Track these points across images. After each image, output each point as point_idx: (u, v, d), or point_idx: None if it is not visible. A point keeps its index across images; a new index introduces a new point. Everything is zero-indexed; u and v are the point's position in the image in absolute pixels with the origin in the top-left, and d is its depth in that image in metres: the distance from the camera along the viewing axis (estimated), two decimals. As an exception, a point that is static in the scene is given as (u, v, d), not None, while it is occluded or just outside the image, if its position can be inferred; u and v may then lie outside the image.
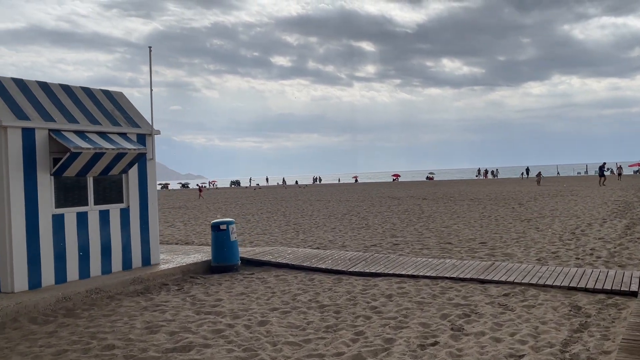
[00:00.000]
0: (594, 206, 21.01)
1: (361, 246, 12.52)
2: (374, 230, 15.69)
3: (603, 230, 13.80)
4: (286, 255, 10.81)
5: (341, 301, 7.44)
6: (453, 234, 14.30)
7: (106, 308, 7.47)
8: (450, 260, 9.83)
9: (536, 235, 13.39)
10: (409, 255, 11.01)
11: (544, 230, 14.29)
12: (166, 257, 10.68)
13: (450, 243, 12.55)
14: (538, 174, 56.68)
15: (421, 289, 8.03)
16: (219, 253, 9.98)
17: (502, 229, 15.03)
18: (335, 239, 14.09)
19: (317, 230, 16.18)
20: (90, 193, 8.86)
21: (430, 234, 14.46)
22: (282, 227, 17.69)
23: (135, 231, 9.53)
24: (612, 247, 11.05)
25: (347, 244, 13.01)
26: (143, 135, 9.73)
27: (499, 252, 11.08)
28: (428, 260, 9.96)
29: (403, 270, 9.27)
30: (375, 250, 11.82)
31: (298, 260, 10.34)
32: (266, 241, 14.00)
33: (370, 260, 10.12)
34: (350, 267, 9.64)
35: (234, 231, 10.14)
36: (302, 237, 14.60)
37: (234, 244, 10.05)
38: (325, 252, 11.05)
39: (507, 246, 11.81)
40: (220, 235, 9.96)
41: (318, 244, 13.10)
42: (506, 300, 7.20)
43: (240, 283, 8.92)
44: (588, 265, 9.41)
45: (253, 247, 12.18)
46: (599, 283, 7.80)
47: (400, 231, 15.27)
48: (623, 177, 54.75)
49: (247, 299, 7.72)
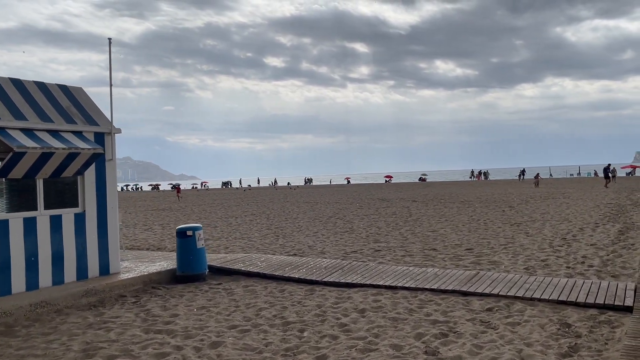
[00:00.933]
0: (586, 209, 20.46)
1: (341, 252, 11.84)
2: (357, 235, 15.02)
3: (595, 235, 13.20)
4: (258, 263, 10.12)
5: (309, 317, 6.76)
6: (439, 239, 13.65)
7: (48, 325, 6.75)
8: (433, 269, 9.18)
9: (525, 240, 12.76)
10: (389, 263, 10.34)
11: (534, 235, 13.68)
12: (130, 265, 9.96)
13: (434, 249, 11.90)
14: (536, 176, 55.73)
15: (398, 302, 7.37)
16: (184, 261, 9.27)
17: (490, 233, 14.41)
18: (316, 244, 13.40)
19: (298, 235, 15.49)
20: (39, 197, 8.13)
21: (415, 239, 13.81)
22: (263, 231, 16.98)
23: (92, 238, 8.81)
24: (604, 255, 10.44)
25: (327, 250, 12.33)
26: (101, 133, 9.00)
27: (485, 259, 10.43)
28: (409, 269, 9.30)
29: (381, 280, 8.60)
30: (355, 257, 11.15)
31: (270, 269, 9.65)
32: (242, 247, 13.30)
33: (347, 269, 9.45)
34: (325, 277, 8.96)
35: (201, 238, 9.44)
36: (281, 242, 13.90)
37: (200, 252, 9.34)
38: (301, 260, 10.36)
39: (494, 253, 11.17)
40: (186, 242, 9.26)
41: (296, 250, 12.41)
42: (489, 317, 6.55)
43: (204, 295, 8.22)
44: (579, 275, 8.78)
45: (226, 254, 11.48)
46: (591, 296, 7.16)
47: (385, 236, 14.61)
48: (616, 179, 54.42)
49: (206, 315, 7.02)
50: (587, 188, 39.35)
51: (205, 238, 15.25)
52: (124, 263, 10.13)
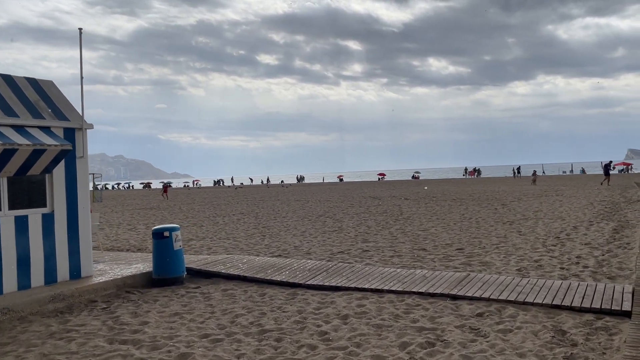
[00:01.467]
0: (579, 207, 20.14)
1: (327, 253, 11.42)
2: (346, 234, 14.60)
3: (590, 234, 12.84)
4: (240, 265, 9.68)
5: (288, 324, 6.33)
6: (429, 238, 13.26)
7: (8, 334, 6.29)
8: (421, 271, 8.77)
9: (518, 240, 12.39)
10: (377, 264, 9.93)
11: (527, 234, 13.31)
12: (105, 267, 9.49)
13: (424, 249, 11.50)
14: (534, 173, 55.50)
15: (384, 307, 6.95)
16: (160, 264, 8.81)
17: (482, 232, 14.03)
18: (302, 244, 12.97)
19: (286, 235, 15.05)
20: (3, 196, 7.65)
21: (405, 238, 13.40)
22: (249, 230, 16.52)
23: (62, 240, 8.33)
24: (599, 255, 10.07)
25: (313, 250, 11.90)
26: (71, 129, 8.52)
27: (476, 260, 10.04)
28: (397, 270, 8.89)
29: (367, 283, 8.19)
30: (342, 258, 10.73)
31: (252, 271, 9.21)
32: (226, 247, 12.85)
33: (332, 272, 9.02)
34: (309, 280, 8.53)
35: (179, 239, 8.98)
36: (267, 243, 13.46)
37: (178, 254, 8.89)
38: (285, 262, 9.93)
39: (485, 253, 10.78)
40: (163, 244, 8.80)
41: (282, 251, 11.97)
42: (479, 323, 6.14)
43: (180, 300, 7.77)
44: (574, 276, 8.40)
45: (208, 255, 11.03)
46: (587, 300, 6.78)
47: (374, 235, 14.20)
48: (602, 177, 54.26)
49: (179, 322, 6.58)
50: (580, 185, 39.16)
51: (189, 238, 14.79)
52: (99, 265, 9.67)
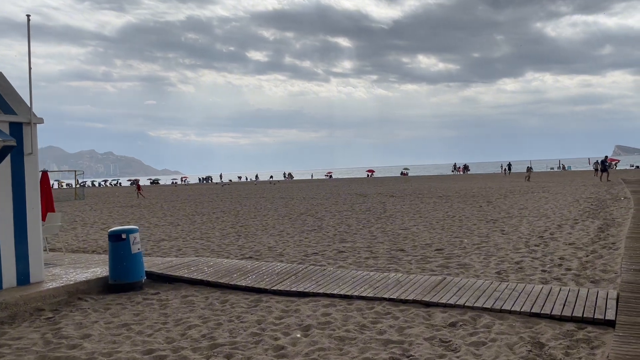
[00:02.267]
0: (565, 204, 19.78)
1: (301, 254, 10.88)
2: (324, 234, 14.08)
3: (574, 233, 12.42)
4: (205, 268, 9.11)
5: (243, 337, 5.79)
6: (409, 237, 12.77)
7: None
8: (395, 275, 8.26)
9: (500, 239, 11.93)
10: (350, 266, 9.41)
11: (510, 233, 12.87)
12: (60, 272, 8.88)
13: (402, 250, 11.00)
14: (528, 169, 53.41)
15: (350, 315, 6.44)
16: (117, 268, 8.23)
17: (464, 231, 13.57)
18: (277, 245, 12.42)
19: (262, 234, 14.49)
20: (-62, 197, 7.02)
21: (384, 237, 12.90)
22: (226, 229, 15.95)
23: (7, 243, 7.71)
24: (583, 256, 9.63)
25: (287, 251, 11.36)
26: (19, 123, 7.89)
27: (454, 261, 9.55)
28: (370, 274, 8.38)
29: (337, 288, 7.67)
30: (315, 260, 10.20)
31: (217, 275, 8.65)
32: (197, 248, 12.27)
33: (301, 275, 8.49)
34: (275, 285, 7.99)
35: (137, 241, 8.39)
36: (241, 243, 12.90)
37: (136, 258, 8.30)
38: (254, 265, 9.38)
39: (465, 254, 10.30)
40: (119, 247, 8.21)
41: (254, 252, 11.42)
42: (451, 334, 5.65)
43: (133, 308, 7.20)
44: (555, 280, 7.93)
45: (173, 258, 10.44)
46: (568, 307, 6.30)
47: (353, 234, 13.69)
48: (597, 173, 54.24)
49: (125, 334, 6.01)
50: (566, 182, 38.96)
51: (161, 238, 14.20)
52: (55, 270, 9.07)
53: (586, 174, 54.93)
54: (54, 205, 12.30)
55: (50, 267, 9.37)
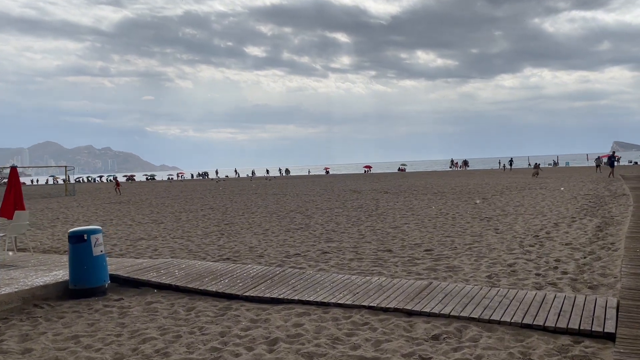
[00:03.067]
0: (562, 202, 19.20)
1: (282, 255, 10.28)
2: (310, 233, 13.48)
3: (571, 232, 11.83)
4: (176, 271, 8.51)
5: (200, 353, 5.19)
6: (399, 237, 12.17)
7: None
8: (378, 279, 7.67)
9: (494, 239, 11.34)
10: (332, 269, 8.81)
11: (504, 232, 12.28)
12: (19, 275, 8.27)
13: (390, 250, 10.41)
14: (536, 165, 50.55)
15: (324, 326, 5.84)
16: (77, 272, 7.62)
17: (457, 230, 12.98)
18: (260, 245, 11.82)
19: (246, 233, 13.89)
20: None
21: (372, 237, 12.31)
22: (210, 228, 15.34)
23: (-45, 246, 7.10)
24: (581, 257, 9.04)
25: (268, 252, 10.76)
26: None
27: (443, 264, 8.96)
28: (351, 278, 7.78)
29: (313, 294, 7.08)
30: (295, 261, 9.60)
31: (187, 279, 8.05)
32: (175, 248, 11.66)
33: (278, 279, 7.89)
34: (248, 290, 7.40)
35: (100, 242, 7.78)
36: (222, 243, 12.28)
37: (98, 261, 7.69)
38: (229, 267, 8.78)
39: (456, 255, 9.71)
40: (80, 249, 7.60)
41: (233, 253, 10.81)
42: (433, 349, 5.06)
43: (90, 317, 6.60)
44: (550, 285, 7.35)
45: (144, 259, 9.82)
46: (563, 317, 5.72)
47: (341, 233, 13.09)
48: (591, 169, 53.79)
49: (71, 349, 5.41)
50: (565, 178, 38.40)
51: (140, 237, 13.60)
52: (14, 272, 8.47)
53: (584, 170, 54.45)
54: (24, 202, 11.67)
55: (12, 270, 8.77)
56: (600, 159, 54.07)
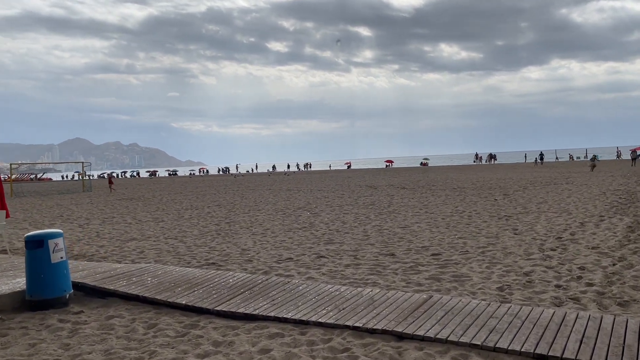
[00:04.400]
0: (590, 198, 17.83)
1: (274, 259, 9.37)
2: (312, 233, 12.54)
3: (599, 233, 10.63)
4: (150, 279, 7.66)
5: (138, 387, 4.30)
6: (406, 238, 11.14)
7: None
8: (372, 291, 6.68)
9: (511, 241, 10.23)
10: (323, 277, 7.85)
11: (523, 233, 11.13)
12: (-21, 282, 7.52)
13: (393, 254, 9.39)
14: (593, 158, 45.44)
15: (295, 353, 4.90)
16: (34, 281, 6.81)
17: (471, 230, 11.88)
18: (253, 247, 10.93)
19: (244, 233, 13.02)
20: None
21: (378, 238, 11.30)
22: (208, 227, 14.52)
23: None
24: (609, 265, 7.89)
25: (260, 255, 9.85)
26: None
27: (450, 271, 7.92)
28: (340, 290, 6.81)
29: (293, 309, 6.14)
30: (285, 267, 8.66)
31: (158, 289, 7.20)
32: (161, 250, 10.85)
33: (258, 290, 6.98)
34: (222, 303, 6.50)
35: (60, 248, 6.96)
36: (215, 244, 11.43)
37: (57, 268, 6.87)
38: (208, 274, 7.89)
39: (466, 260, 8.65)
40: (36, 255, 6.79)
41: (222, 256, 9.94)
42: (419, 389, 4.06)
43: (36, 335, 5.78)
44: (572, 300, 6.26)
45: (120, 265, 9.00)
46: (586, 346, 4.66)
47: (344, 234, 12.11)
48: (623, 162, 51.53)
49: (-9, 380, 4.59)
50: (593, 172, 36.61)
51: (132, 237, 12.86)
52: (-25, 280, 7.72)
53: (614, 164, 52.20)
54: (5, 201, 10.99)
55: (-25, 276, 8.05)
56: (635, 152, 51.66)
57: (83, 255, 10.52)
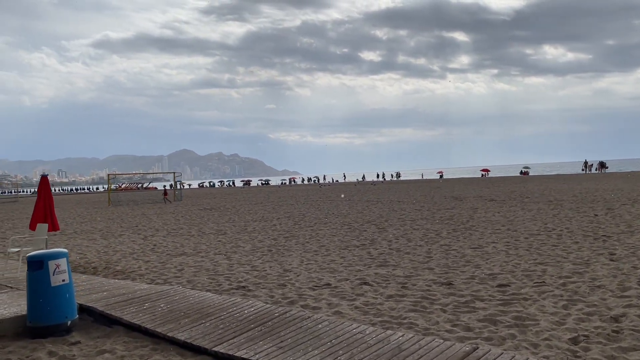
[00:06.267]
0: None
1: (310, 284, 8.26)
2: (370, 251, 11.30)
3: None
4: (162, 306, 6.90)
5: None
6: (473, 262, 9.57)
7: None
8: (402, 336, 5.38)
9: (603, 270, 8.33)
10: (353, 312, 6.63)
11: (621, 259, 9.12)
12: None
13: (450, 284, 7.93)
14: None
15: None
16: (34, 306, 6.30)
17: (557, 254, 10.02)
18: (297, 267, 9.90)
19: (295, 250, 12.04)
20: None
21: (440, 261, 9.83)
22: (265, 242, 13.72)
23: None
24: None
25: (296, 279, 8.79)
26: None
27: (513, 310, 6.36)
28: (366, 331, 5.58)
29: (301, 356, 5.03)
30: (316, 296, 7.51)
31: (164, 319, 6.40)
32: (201, 269, 10.16)
33: (269, 326, 5.94)
34: (223, 342, 5.54)
35: (62, 270, 6.39)
36: (258, 263, 10.55)
37: (58, 292, 6.30)
38: (225, 303, 6.95)
39: (539, 295, 7.01)
40: (36, 278, 6.27)
41: (258, 277, 9.01)
42: None
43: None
44: (675, 367, 4.55)
45: (142, 286, 8.29)
46: None
47: (404, 255, 10.75)
48: None
49: None
50: None
51: (182, 252, 12.37)
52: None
53: None
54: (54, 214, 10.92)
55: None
56: None
57: (123, 272, 10.11)
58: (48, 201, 10.79)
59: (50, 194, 10.98)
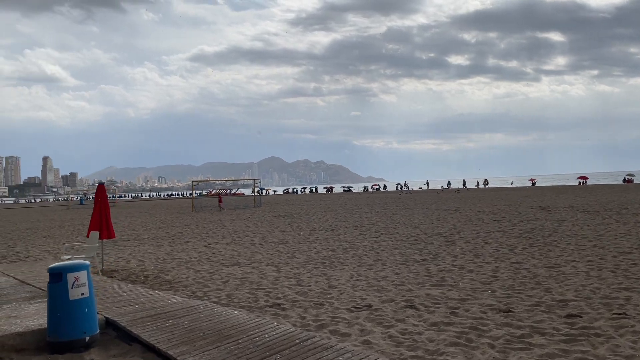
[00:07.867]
0: None
1: (349, 305, 7.52)
2: (429, 268, 10.34)
3: None
4: (184, 324, 6.51)
5: None
6: (544, 285, 8.35)
7: None
8: (431, 378, 4.54)
9: None
10: (384, 342, 5.82)
11: None
12: (9, 313, 7.18)
13: (509, 311, 6.86)
14: None
15: None
16: (53, 320, 6.13)
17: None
18: (345, 283, 9.20)
19: (350, 264, 11.34)
20: None
21: (506, 282, 8.70)
22: (320, 253, 13.12)
23: None
24: None
25: (340, 297, 8.10)
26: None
27: (578, 350, 5.25)
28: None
29: (306, 395, 4.36)
30: (351, 319, 6.77)
31: (180, 339, 5.98)
32: (245, 281, 9.75)
33: (286, 355, 5.32)
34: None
35: (82, 283, 6.17)
36: (306, 277, 9.96)
37: (77, 306, 6.08)
38: (248, 324, 6.43)
39: (615, 330, 5.82)
40: (55, 290, 6.11)
41: (298, 294, 8.42)
42: None
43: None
44: None
45: (176, 299, 7.97)
46: None
47: (467, 273, 9.70)
48: None
49: None
50: None
51: (236, 262, 12.09)
52: (29, 308, 7.43)
53: None
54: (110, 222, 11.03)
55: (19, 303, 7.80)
56: None
57: (169, 282, 9.95)
58: (104, 209, 10.91)
59: (107, 201, 11.12)
